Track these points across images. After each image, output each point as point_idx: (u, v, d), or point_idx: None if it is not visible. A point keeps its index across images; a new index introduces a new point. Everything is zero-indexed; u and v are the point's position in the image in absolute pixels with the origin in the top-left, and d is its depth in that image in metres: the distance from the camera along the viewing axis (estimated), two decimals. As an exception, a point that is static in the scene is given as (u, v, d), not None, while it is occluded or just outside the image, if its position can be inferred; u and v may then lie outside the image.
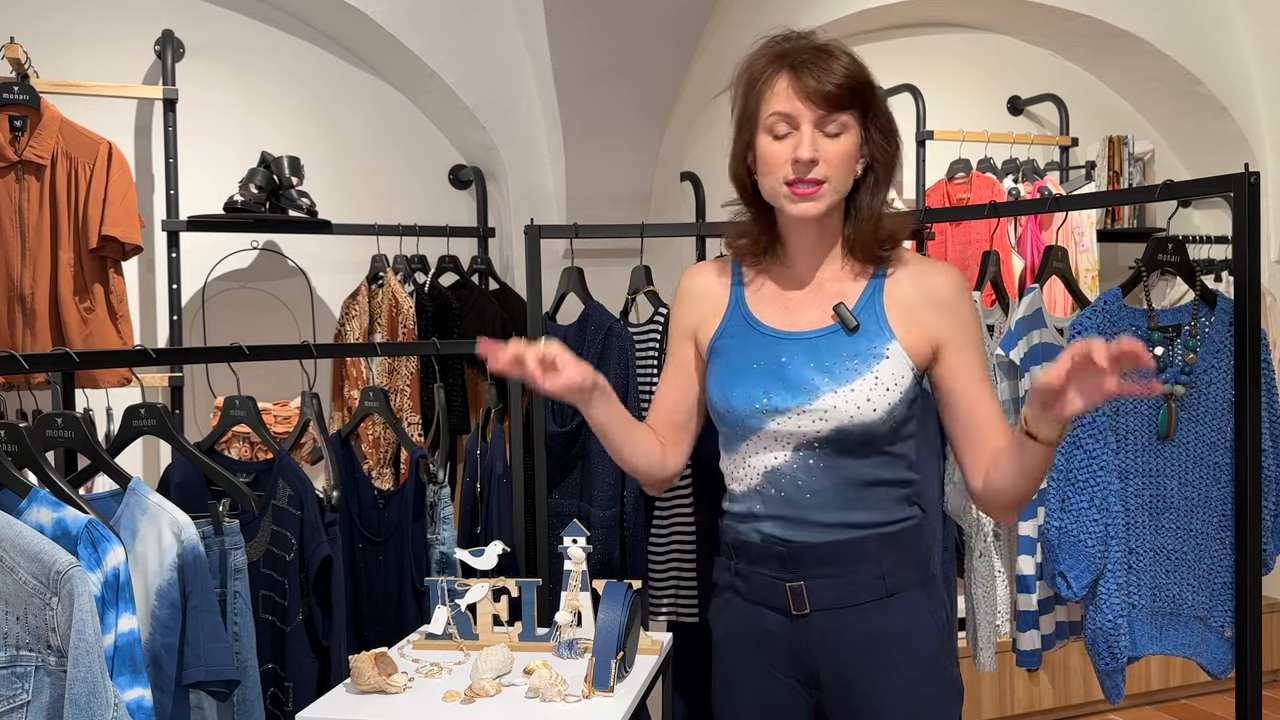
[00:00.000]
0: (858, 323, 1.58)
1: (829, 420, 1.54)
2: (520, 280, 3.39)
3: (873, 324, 1.59)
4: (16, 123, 2.85)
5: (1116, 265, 4.35)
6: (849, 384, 1.55)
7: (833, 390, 1.55)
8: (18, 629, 1.40)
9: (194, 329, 3.21)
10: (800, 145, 1.54)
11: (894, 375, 1.56)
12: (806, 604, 1.59)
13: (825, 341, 1.59)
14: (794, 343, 1.61)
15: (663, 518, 2.54)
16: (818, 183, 1.55)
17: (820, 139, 1.55)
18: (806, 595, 1.58)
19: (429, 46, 3.36)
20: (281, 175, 3.12)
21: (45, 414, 1.78)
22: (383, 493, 2.33)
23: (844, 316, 1.59)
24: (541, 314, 2.60)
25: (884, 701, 1.58)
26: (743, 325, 1.66)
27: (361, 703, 1.70)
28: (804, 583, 1.58)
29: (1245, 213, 1.95)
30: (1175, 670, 4.00)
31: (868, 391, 1.54)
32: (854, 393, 1.54)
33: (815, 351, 1.58)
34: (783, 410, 1.56)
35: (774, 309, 1.65)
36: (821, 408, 1.54)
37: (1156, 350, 2.11)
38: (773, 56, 1.60)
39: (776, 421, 1.57)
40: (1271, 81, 4.31)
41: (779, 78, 1.57)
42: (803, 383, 1.56)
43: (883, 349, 1.57)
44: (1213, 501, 2.11)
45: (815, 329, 1.60)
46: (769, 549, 1.60)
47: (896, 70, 4.08)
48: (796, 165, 1.54)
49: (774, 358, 1.60)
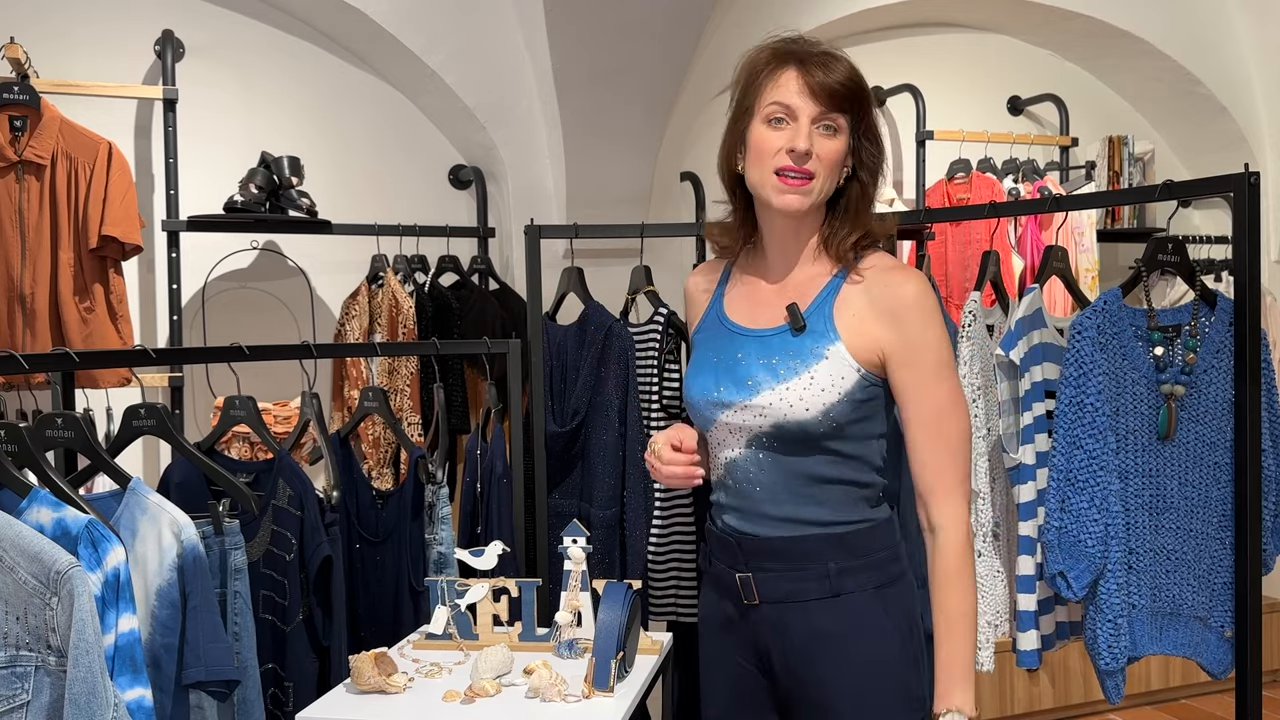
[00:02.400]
0: (804, 323, 1.61)
1: (767, 417, 1.58)
2: (520, 280, 3.39)
3: (819, 325, 1.61)
4: (16, 123, 2.85)
5: (1116, 265, 4.35)
6: (785, 382, 1.58)
7: (770, 387, 1.58)
8: (18, 629, 1.40)
9: (194, 329, 3.21)
10: (797, 136, 1.56)
11: (832, 376, 1.56)
12: (755, 595, 1.63)
13: (776, 340, 1.62)
14: (750, 340, 1.65)
15: (663, 518, 2.54)
16: (808, 176, 1.57)
17: (816, 134, 1.57)
18: (755, 587, 1.63)
19: (429, 46, 3.36)
20: (281, 175, 3.12)
21: (45, 414, 1.78)
22: (381, 493, 2.33)
23: (793, 316, 1.61)
24: (541, 314, 2.61)
25: (833, 699, 1.60)
26: (715, 322, 1.72)
27: (361, 703, 1.70)
28: (752, 574, 1.63)
29: (1245, 213, 1.95)
30: (1175, 670, 4.00)
31: (801, 391, 1.57)
32: (789, 391, 1.57)
33: (766, 349, 1.62)
34: (729, 404, 1.62)
35: (744, 307, 1.70)
36: (760, 404, 1.58)
37: (1156, 350, 2.11)
38: (778, 51, 1.62)
39: (725, 415, 1.62)
40: (1271, 81, 4.31)
41: (784, 71, 1.59)
42: (748, 379, 1.61)
43: (823, 349, 1.58)
44: (1213, 501, 2.11)
45: (769, 327, 1.64)
46: (725, 539, 1.66)
47: (896, 70, 4.08)
48: (792, 154, 1.56)
49: (731, 354, 1.65)
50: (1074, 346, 2.10)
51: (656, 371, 2.58)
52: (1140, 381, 2.12)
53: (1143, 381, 2.12)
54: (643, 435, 2.53)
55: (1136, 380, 2.12)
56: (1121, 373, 2.11)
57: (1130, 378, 2.12)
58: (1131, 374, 2.11)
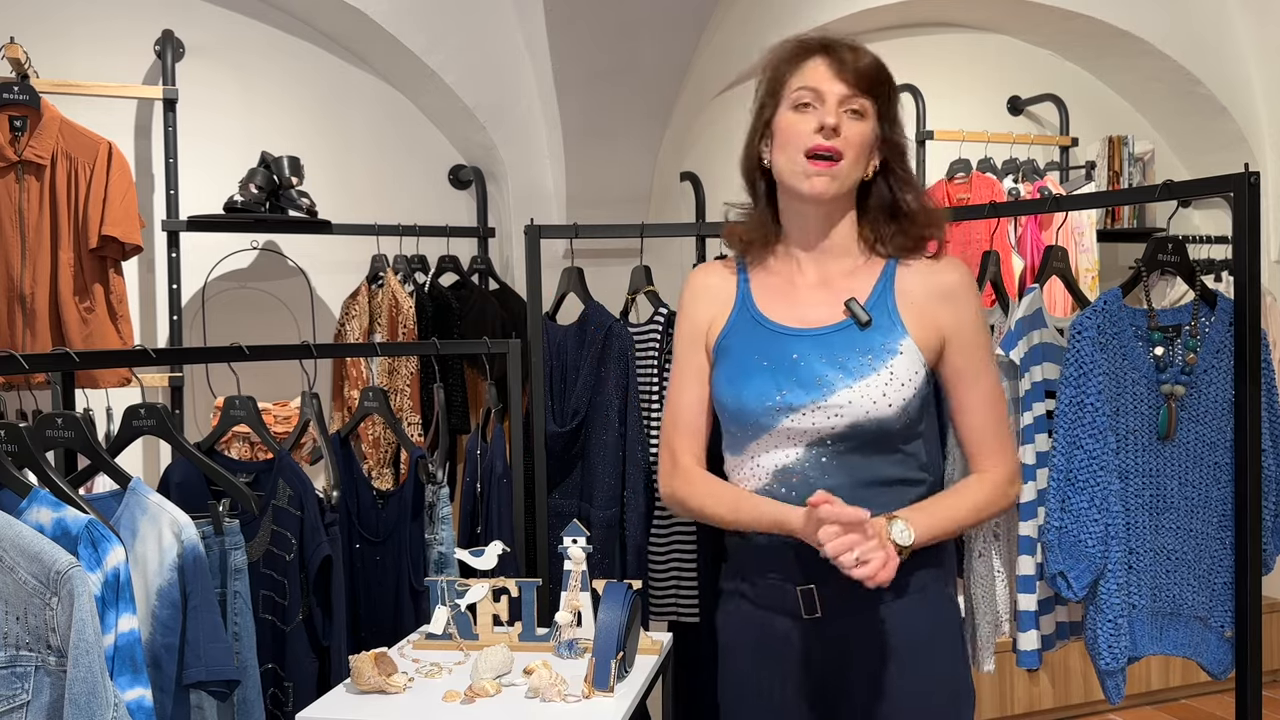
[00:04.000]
0: (870, 317, 1.56)
1: (844, 416, 1.53)
2: (520, 280, 3.39)
3: (885, 319, 1.57)
4: (16, 123, 2.85)
5: (1116, 265, 4.35)
6: (863, 379, 1.53)
7: (847, 385, 1.53)
8: (18, 629, 1.40)
9: (194, 329, 3.21)
10: (826, 114, 1.54)
11: (908, 371, 1.55)
12: (817, 607, 1.57)
13: (838, 337, 1.57)
14: (805, 339, 1.59)
15: (663, 518, 2.54)
16: (837, 156, 1.54)
17: (843, 117, 1.55)
18: (818, 598, 1.56)
19: (429, 46, 3.36)
20: (281, 175, 3.12)
21: (45, 414, 1.78)
22: (381, 493, 2.33)
23: (856, 312, 1.57)
24: (541, 314, 2.61)
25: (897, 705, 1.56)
26: (750, 323, 1.64)
27: (361, 703, 1.70)
28: (814, 586, 1.56)
29: (1245, 213, 1.95)
30: (1175, 670, 4.00)
31: (883, 387, 1.53)
32: (869, 388, 1.52)
33: (828, 347, 1.57)
34: (796, 407, 1.54)
35: (782, 306, 1.63)
36: (837, 403, 1.53)
37: (1156, 350, 2.11)
38: (804, 41, 1.62)
39: (790, 419, 1.55)
40: (1271, 81, 4.31)
41: (810, 58, 1.59)
42: (816, 378, 1.55)
43: (896, 344, 1.56)
44: (1213, 501, 2.11)
45: (827, 325, 1.59)
46: (779, 551, 1.58)
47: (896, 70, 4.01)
48: (820, 132, 1.53)
49: (784, 355, 1.58)
50: (1074, 346, 2.10)
51: (656, 371, 2.58)
52: (1140, 381, 2.11)
53: (1143, 381, 2.11)
54: (643, 435, 2.53)
55: (1136, 380, 2.11)
56: (1121, 373, 2.11)
57: (1130, 378, 2.11)
58: (1131, 374, 2.11)
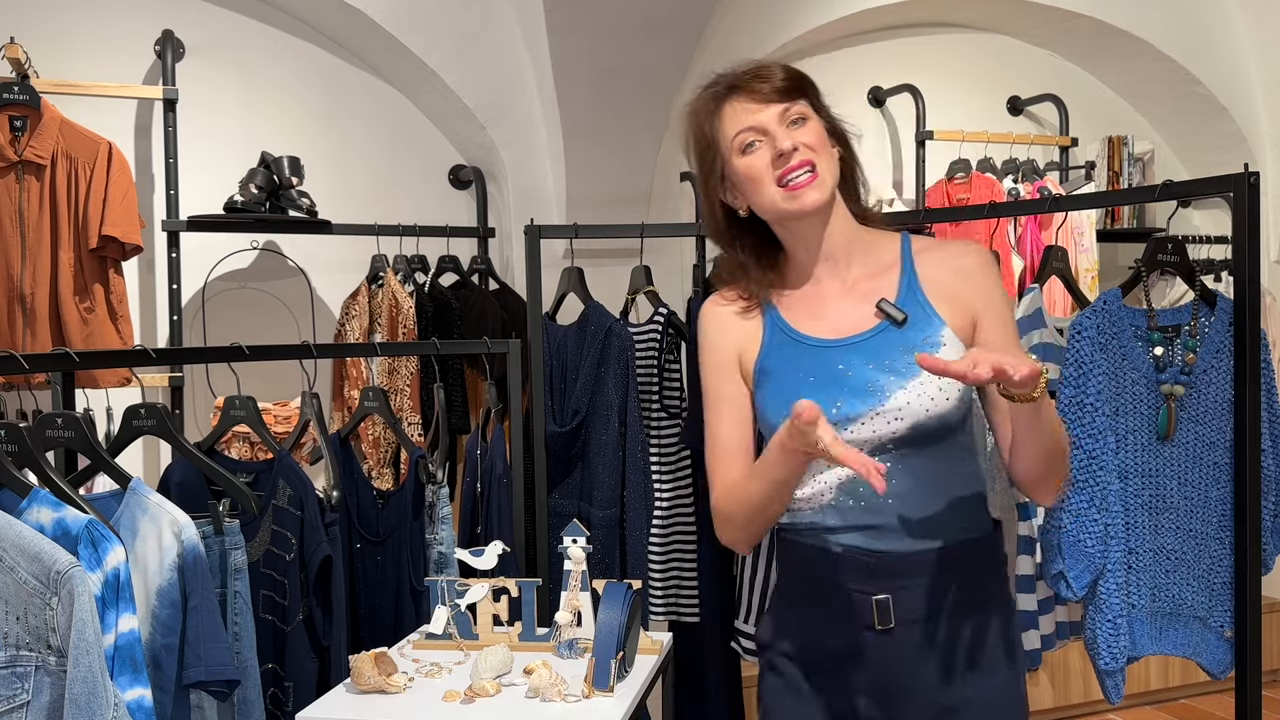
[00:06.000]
0: (905, 315, 1.54)
1: (904, 419, 1.49)
2: (520, 280, 3.39)
3: (920, 314, 1.55)
4: (16, 123, 2.85)
5: (1116, 265, 4.35)
6: (915, 378, 1.50)
7: (902, 387, 1.50)
8: (18, 629, 1.40)
9: (194, 329, 3.21)
10: (777, 140, 1.52)
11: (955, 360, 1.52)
12: (891, 617, 1.52)
13: (878, 340, 1.54)
14: (847, 349, 1.55)
15: (663, 518, 2.54)
16: (810, 167, 1.52)
17: (792, 131, 1.53)
18: (892, 608, 1.52)
19: (429, 46, 3.36)
20: (281, 175, 3.12)
21: (45, 414, 1.78)
22: (382, 493, 2.33)
23: (890, 312, 1.54)
24: (541, 314, 2.61)
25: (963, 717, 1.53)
26: (787, 341, 1.60)
27: (361, 703, 1.70)
28: (890, 595, 1.52)
29: (1245, 213, 1.95)
30: (1175, 670, 4.00)
31: (937, 381, 1.49)
32: (924, 385, 1.49)
33: (872, 353, 1.53)
34: (855, 417, 1.51)
35: (814, 320, 1.60)
36: (895, 407, 1.49)
37: (1156, 350, 2.11)
38: (709, 95, 1.59)
39: (850, 430, 1.50)
40: (1271, 81, 4.31)
41: (727, 102, 1.57)
42: (868, 385, 1.51)
43: (937, 336, 1.53)
44: (1213, 501, 2.11)
45: (863, 331, 1.56)
46: (853, 560, 1.53)
47: (896, 70, 4.08)
48: (781, 159, 1.52)
49: (829, 368, 1.55)
50: (1073, 346, 2.10)
51: (656, 371, 2.58)
52: (1140, 381, 2.12)
53: (1142, 381, 2.12)
54: (642, 435, 2.53)
55: (1136, 380, 2.12)
56: (1121, 373, 2.11)
57: (1130, 378, 2.12)
58: (1131, 374, 2.11)
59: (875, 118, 4.16)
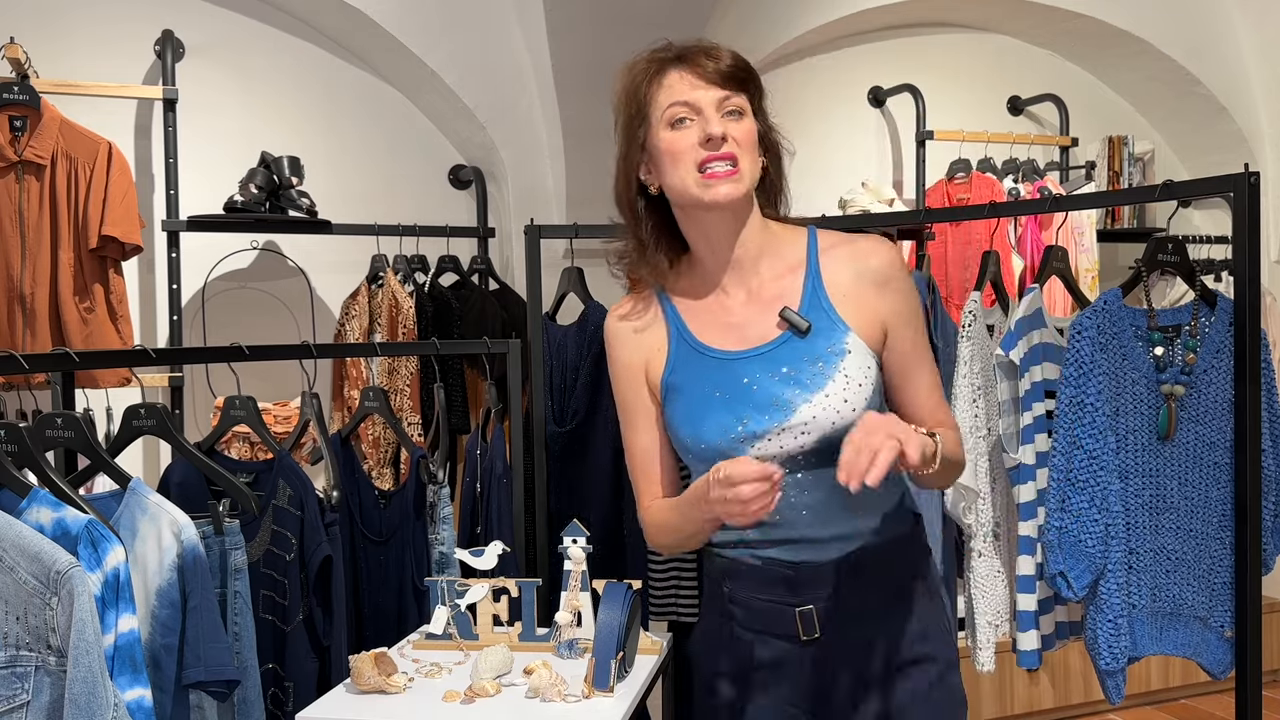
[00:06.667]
0: (809, 324, 1.50)
1: (811, 432, 1.47)
2: (520, 280, 3.39)
3: (823, 320, 1.51)
4: (16, 123, 2.85)
5: (1116, 265, 4.35)
6: (820, 390, 1.47)
7: (806, 400, 1.47)
8: (18, 629, 1.40)
9: (194, 329, 3.21)
10: (709, 124, 1.46)
11: (860, 369, 1.49)
12: (816, 626, 1.52)
13: (783, 351, 1.51)
14: (751, 360, 1.52)
15: (663, 518, 2.54)
16: (733, 161, 1.47)
17: (725, 121, 1.48)
18: (816, 617, 1.52)
19: (429, 46, 3.36)
20: (281, 175, 3.12)
21: (45, 414, 1.78)
22: (383, 493, 2.33)
23: (793, 321, 1.50)
24: (541, 314, 2.61)
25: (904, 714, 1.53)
26: (692, 355, 1.56)
27: (361, 703, 1.70)
28: (813, 606, 1.52)
29: (1245, 213, 1.95)
30: (1175, 670, 4.00)
31: (842, 392, 1.47)
32: (828, 398, 1.47)
33: (775, 364, 1.50)
34: (761, 434, 1.48)
35: (718, 330, 1.56)
36: (800, 421, 1.47)
37: (1156, 350, 2.11)
38: (654, 59, 1.53)
39: (757, 446, 1.48)
40: (1271, 81, 4.31)
41: (669, 72, 1.51)
42: (773, 400, 1.48)
43: (841, 344, 1.49)
44: (1213, 501, 2.11)
45: (768, 342, 1.52)
46: (772, 573, 1.53)
47: (896, 70, 4.08)
48: (709, 143, 1.46)
49: (734, 382, 1.51)
50: (1074, 346, 2.10)
51: (656, 371, 2.58)
52: (1140, 381, 2.12)
53: (1143, 381, 2.12)
54: (643, 435, 2.52)
55: (1136, 380, 2.12)
56: (1121, 373, 2.11)
57: (1130, 378, 2.12)
58: (1131, 374, 2.12)
59: (875, 118, 4.16)
